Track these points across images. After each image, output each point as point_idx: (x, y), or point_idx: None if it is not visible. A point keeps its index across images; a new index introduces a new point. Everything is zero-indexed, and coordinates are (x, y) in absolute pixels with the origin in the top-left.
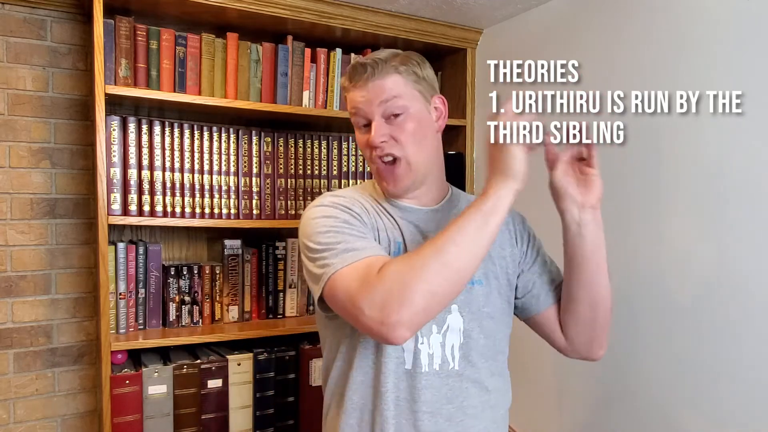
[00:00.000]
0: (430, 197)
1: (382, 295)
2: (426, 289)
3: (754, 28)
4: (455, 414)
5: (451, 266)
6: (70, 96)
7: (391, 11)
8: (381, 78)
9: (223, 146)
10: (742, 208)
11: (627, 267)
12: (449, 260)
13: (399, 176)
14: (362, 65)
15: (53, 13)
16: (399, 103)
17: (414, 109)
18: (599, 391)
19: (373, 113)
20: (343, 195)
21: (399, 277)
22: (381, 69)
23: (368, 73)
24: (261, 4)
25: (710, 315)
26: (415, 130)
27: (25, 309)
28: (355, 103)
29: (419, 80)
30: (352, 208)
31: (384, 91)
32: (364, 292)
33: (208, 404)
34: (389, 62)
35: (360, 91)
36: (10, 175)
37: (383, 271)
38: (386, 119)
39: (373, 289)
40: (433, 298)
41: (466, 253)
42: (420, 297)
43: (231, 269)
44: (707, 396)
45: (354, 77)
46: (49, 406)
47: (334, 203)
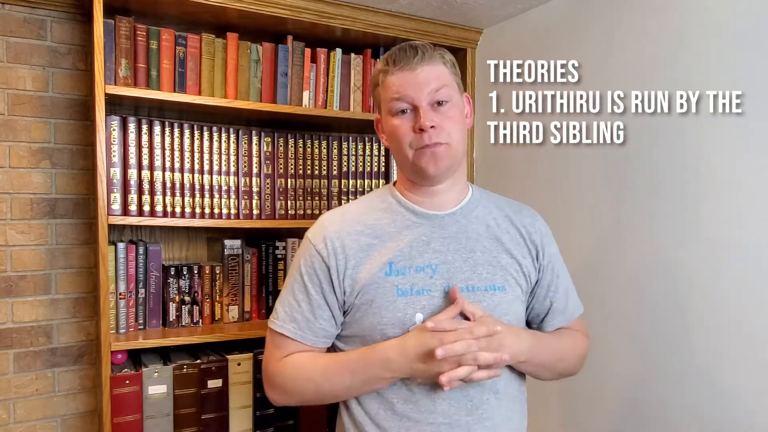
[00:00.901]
0: (450, 196)
1: (273, 379)
2: (303, 399)
3: (754, 28)
4: (474, 426)
5: (325, 398)
6: (70, 96)
7: (391, 11)
8: (430, 65)
9: (223, 146)
10: (742, 208)
11: (627, 267)
12: (324, 394)
13: (441, 156)
14: (412, 48)
15: (53, 13)
16: (446, 91)
17: (456, 99)
18: (608, 400)
19: (420, 99)
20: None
21: (287, 381)
22: (430, 55)
23: (418, 57)
24: (261, 4)
25: (712, 316)
26: (457, 118)
27: (25, 309)
28: (400, 87)
29: (456, 73)
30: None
31: (434, 78)
32: (265, 366)
33: (208, 404)
34: (435, 50)
35: (407, 74)
36: (10, 175)
37: (281, 366)
38: (432, 106)
39: (271, 372)
40: (308, 403)
41: (341, 394)
42: (297, 400)
43: (231, 269)
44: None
45: (400, 60)
46: (49, 406)
47: (311, 244)
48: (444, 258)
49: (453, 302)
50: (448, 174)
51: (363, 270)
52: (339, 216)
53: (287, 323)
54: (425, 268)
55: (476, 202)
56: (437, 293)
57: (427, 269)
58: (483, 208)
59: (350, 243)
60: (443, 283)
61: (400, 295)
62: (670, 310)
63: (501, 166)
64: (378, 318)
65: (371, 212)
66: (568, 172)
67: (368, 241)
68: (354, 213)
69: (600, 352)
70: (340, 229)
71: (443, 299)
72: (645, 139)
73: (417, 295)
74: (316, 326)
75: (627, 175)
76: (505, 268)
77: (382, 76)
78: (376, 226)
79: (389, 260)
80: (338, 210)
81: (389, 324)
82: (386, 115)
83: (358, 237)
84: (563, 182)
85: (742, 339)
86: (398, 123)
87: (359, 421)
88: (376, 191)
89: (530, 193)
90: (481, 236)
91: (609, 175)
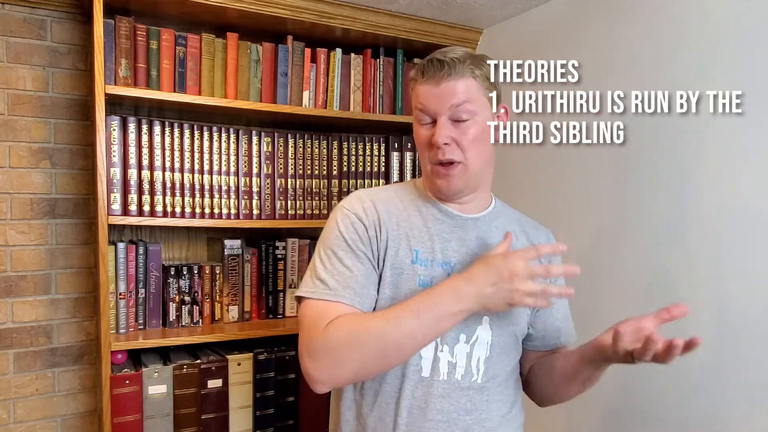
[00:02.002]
0: (474, 205)
1: (318, 350)
2: (358, 363)
3: (754, 28)
4: (472, 426)
5: (388, 353)
6: (70, 96)
7: (391, 11)
8: (455, 79)
9: (223, 146)
10: (742, 208)
11: (627, 266)
12: (388, 346)
13: (454, 177)
14: (440, 62)
15: (53, 13)
16: (469, 108)
17: (481, 116)
18: (607, 401)
19: (440, 113)
20: (369, 198)
21: (338, 343)
22: (458, 70)
23: (445, 71)
24: (261, 4)
25: (712, 316)
26: (478, 137)
27: (25, 309)
28: (424, 99)
29: (490, 88)
30: (364, 221)
31: (456, 94)
32: (306, 339)
33: (208, 404)
34: (466, 64)
35: (432, 87)
36: (10, 175)
37: (329, 329)
38: (452, 121)
39: (315, 341)
40: (362, 370)
41: (407, 342)
42: (350, 368)
43: (231, 269)
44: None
45: (428, 72)
46: (49, 406)
47: (350, 212)
48: (461, 259)
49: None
50: (465, 192)
51: (392, 246)
52: (372, 193)
53: (342, 290)
54: (445, 265)
55: (498, 213)
56: None
57: (446, 266)
58: (504, 219)
59: (385, 216)
60: None
61: (420, 285)
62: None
63: (501, 166)
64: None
65: (400, 200)
66: (568, 172)
67: (398, 222)
68: (385, 194)
69: None
70: (376, 202)
71: None
72: (645, 139)
73: None
74: (371, 292)
75: (627, 175)
76: None
77: (413, 84)
78: (405, 212)
79: (415, 248)
80: (368, 190)
81: None
82: (414, 121)
83: (390, 214)
84: (563, 182)
85: (742, 339)
86: (422, 133)
87: (362, 414)
88: (402, 182)
89: (530, 193)
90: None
91: (609, 175)
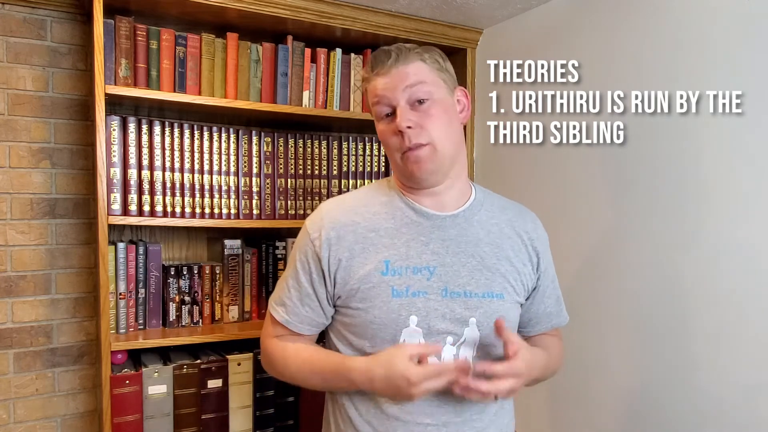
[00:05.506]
0: (451, 196)
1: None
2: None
3: (754, 28)
4: (462, 427)
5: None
6: (70, 96)
7: (391, 11)
8: (404, 64)
9: (223, 146)
10: (742, 208)
11: (627, 267)
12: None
13: (424, 158)
14: (385, 52)
15: (53, 13)
16: (424, 88)
17: (438, 96)
18: (606, 402)
19: (397, 99)
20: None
21: (265, 360)
22: (405, 55)
23: (392, 59)
24: (261, 4)
25: (712, 316)
26: (441, 116)
27: (25, 309)
28: (378, 91)
29: (442, 69)
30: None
31: (408, 76)
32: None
33: (208, 404)
34: (412, 50)
35: (383, 78)
36: (10, 175)
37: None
38: (411, 105)
39: (263, 341)
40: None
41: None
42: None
43: (231, 269)
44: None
45: (376, 65)
46: (49, 406)
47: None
48: (442, 260)
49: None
50: (439, 176)
51: (357, 263)
52: (337, 205)
53: (278, 306)
54: (422, 270)
55: (479, 204)
56: (434, 296)
57: (424, 270)
58: (486, 211)
59: (346, 234)
60: (441, 286)
61: (395, 296)
62: (670, 311)
63: (501, 166)
64: (371, 317)
65: (371, 204)
66: (568, 172)
67: (365, 233)
68: (353, 202)
69: (598, 354)
70: (337, 218)
71: (440, 302)
72: (645, 139)
73: (413, 297)
74: (302, 314)
75: (627, 175)
76: (503, 276)
77: (365, 84)
78: (375, 219)
79: (386, 258)
80: (337, 198)
81: (381, 325)
82: (376, 122)
83: (354, 228)
84: (563, 182)
85: (742, 340)
86: (383, 128)
87: (350, 416)
88: (377, 182)
89: (530, 193)
90: (481, 241)
91: (609, 175)
